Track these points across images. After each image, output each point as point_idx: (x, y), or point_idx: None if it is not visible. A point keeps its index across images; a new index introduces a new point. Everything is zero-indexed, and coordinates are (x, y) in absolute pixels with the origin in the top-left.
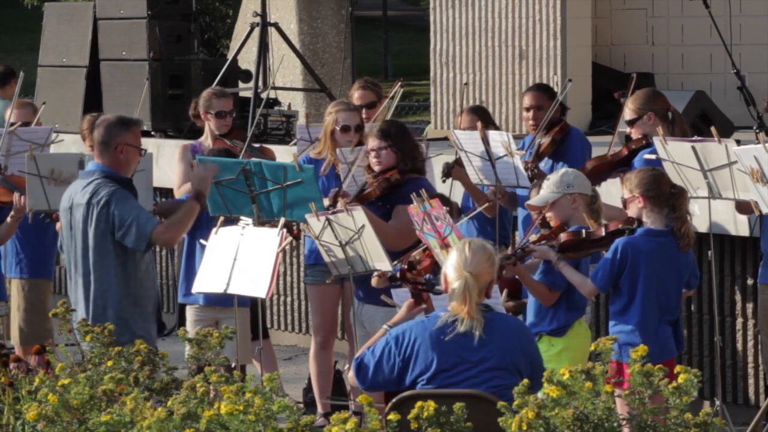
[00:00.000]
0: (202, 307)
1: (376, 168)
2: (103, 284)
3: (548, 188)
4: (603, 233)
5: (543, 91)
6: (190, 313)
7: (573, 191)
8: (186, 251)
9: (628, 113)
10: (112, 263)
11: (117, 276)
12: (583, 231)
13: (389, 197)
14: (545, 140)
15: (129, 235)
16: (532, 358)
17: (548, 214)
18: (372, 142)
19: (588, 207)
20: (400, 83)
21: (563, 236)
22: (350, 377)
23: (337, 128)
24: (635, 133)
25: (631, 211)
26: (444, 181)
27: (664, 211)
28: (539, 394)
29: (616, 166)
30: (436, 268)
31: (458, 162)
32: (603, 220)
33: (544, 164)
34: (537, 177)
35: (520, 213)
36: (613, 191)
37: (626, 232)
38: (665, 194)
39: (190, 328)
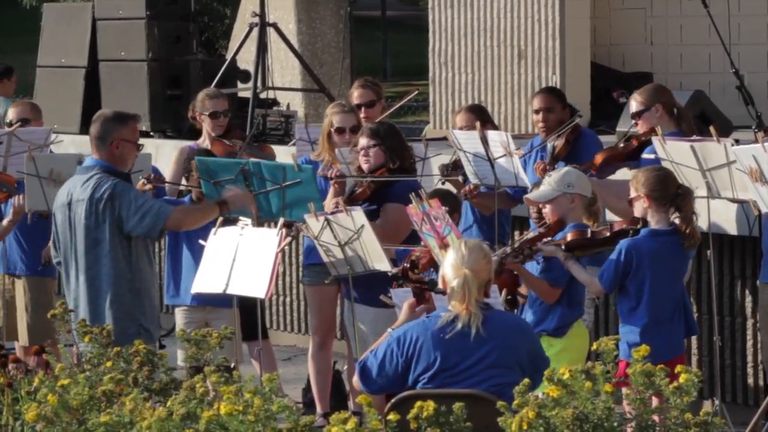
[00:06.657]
0: (191, 309)
1: (365, 167)
2: (107, 279)
3: (548, 184)
4: (608, 233)
5: (553, 93)
6: (179, 315)
7: (573, 191)
8: (169, 252)
9: (634, 105)
10: (117, 257)
11: (122, 270)
12: (588, 230)
13: (378, 197)
14: (559, 142)
15: (142, 223)
16: (535, 354)
17: (544, 210)
18: (362, 141)
19: (587, 209)
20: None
21: (569, 235)
22: (354, 382)
23: (332, 130)
24: (642, 126)
25: (636, 211)
26: (443, 183)
27: (668, 211)
28: (539, 394)
29: (626, 158)
30: (435, 266)
31: (456, 164)
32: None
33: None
34: None
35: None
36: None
37: (631, 232)
38: (670, 194)
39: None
